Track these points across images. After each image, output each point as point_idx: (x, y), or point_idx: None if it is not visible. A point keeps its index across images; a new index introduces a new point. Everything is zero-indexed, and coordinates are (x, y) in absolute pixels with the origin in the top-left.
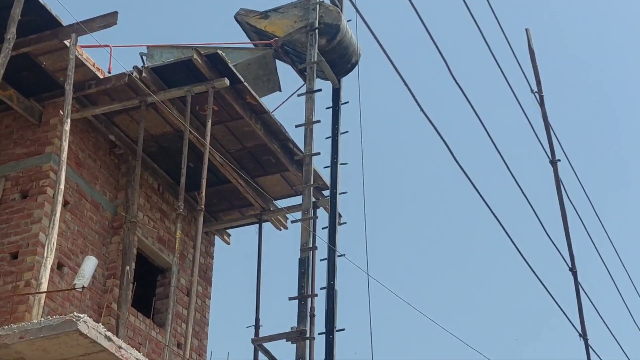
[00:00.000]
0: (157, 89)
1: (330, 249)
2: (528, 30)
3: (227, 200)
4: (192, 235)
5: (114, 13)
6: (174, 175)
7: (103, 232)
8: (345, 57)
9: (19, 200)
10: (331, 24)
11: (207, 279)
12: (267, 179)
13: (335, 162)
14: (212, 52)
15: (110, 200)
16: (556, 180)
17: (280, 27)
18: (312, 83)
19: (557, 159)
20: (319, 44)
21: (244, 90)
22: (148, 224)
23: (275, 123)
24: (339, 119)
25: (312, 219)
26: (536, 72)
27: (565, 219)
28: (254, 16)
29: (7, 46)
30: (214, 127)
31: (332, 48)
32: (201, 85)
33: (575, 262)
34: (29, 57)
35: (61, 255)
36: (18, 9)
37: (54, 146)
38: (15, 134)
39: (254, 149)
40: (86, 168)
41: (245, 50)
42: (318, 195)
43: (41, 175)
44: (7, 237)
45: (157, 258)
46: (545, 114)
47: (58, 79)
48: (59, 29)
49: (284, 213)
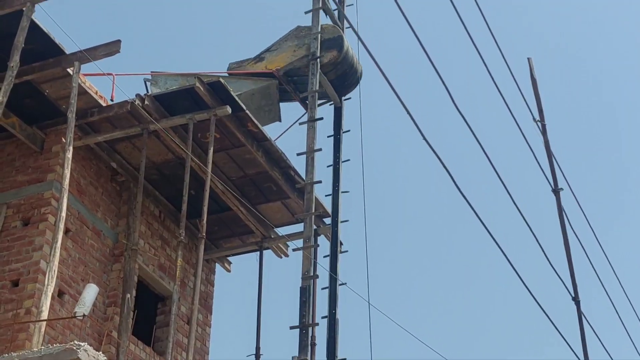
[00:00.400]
0: (159, 117)
1: (332, 278)
2: (530, 59)
3: (228, 227)
4: (192, 263)
5: (117, 41)
6: (175, 203)
7: (104, 260)
8: (353, 68)
9: (20, 228)
10: (335, 37)
11: (208, 307)
12: (268, 206)
13: (337, 190)
14: (215, 80)
15: (111, 228)
16: (559, 209)
17: (280, 62)
18: (314, 112)
19: (559, 188)
20: (332, 58)
21: (245, 117)
22: (149, 252)
23: (277, 151)
24: (340, 147)
25: (314, 247)
26: (538, 100)
27: (568, 247)
28: (248, 63)
29: (11, 74)
30: (216, 155)
31: (343, 58)
32: (203, 112)
33: (578, 291)
34: (32, 85)
35: (62, 283)
36: (22, 37)
37: (56, 173)
38: (17, 162)
39: (255, 177)
40: (88, 195)
41: (250, 81)
42: (319, 223)
43: (43, 202)
44: (8, 264)
45: (157, 286)
46: (547, 142)
47: (61, 106)
48: (62, 57)
49: (285, 241)
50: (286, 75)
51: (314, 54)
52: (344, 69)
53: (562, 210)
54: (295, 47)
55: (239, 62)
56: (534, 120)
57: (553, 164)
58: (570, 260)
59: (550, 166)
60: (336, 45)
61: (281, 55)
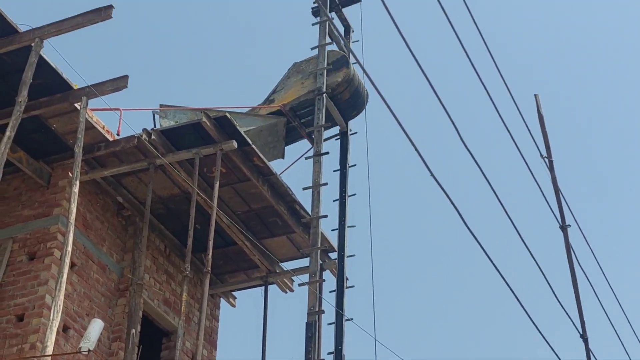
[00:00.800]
0: (165, 151)
1: (338, 314)
2: (537, 96)
3: (233, 262)
4: (197, 298)
5: (125, 77)
6: (180, 237)
7: (109, 295)
8: (361, 86)
9: (26, 262)
10: (339, 57)
11: (212, 342)
12: (274, 241)
13: (343, 224)
14: (221, 115)
15: (117, 262)
16: (566, 246)
17: (291, 97)
18: (320, 146)
19: (567, 225)
20: (345, 75)
21: (251, 152)
22: (154, 286)
23: (282, 185)
24: (346, 181)
25: (319, 283)
26: (545, 137)
27: (575, 284)
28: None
29: (19, 109)
30: (221, 189)
31: (353, 74)
32: (209, 147)
33: (586, 329)
34: (39, 120)
35: (67, 318)
36: (30, 72)
37: (62, 208)
38: (23, 196)
39: (260, 211)
40: (93, 230)
41: (259, 118)
42: (325, 258)
43: (49, 237)
44: (13, 299)
45: (162, 321)
46: (555, 179)
47: (67, 141)
48: (69, 92)
49: (290, 275)
50: (293, 110)
51: (320, 89)
52: (356, 85)
53: (569, 247)
54: (301, 80)
55: (254, 110)
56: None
57: (560, 201)
58: (578, 297)
59: (557, 203)
60: (344, 63)
61: (290, 91)
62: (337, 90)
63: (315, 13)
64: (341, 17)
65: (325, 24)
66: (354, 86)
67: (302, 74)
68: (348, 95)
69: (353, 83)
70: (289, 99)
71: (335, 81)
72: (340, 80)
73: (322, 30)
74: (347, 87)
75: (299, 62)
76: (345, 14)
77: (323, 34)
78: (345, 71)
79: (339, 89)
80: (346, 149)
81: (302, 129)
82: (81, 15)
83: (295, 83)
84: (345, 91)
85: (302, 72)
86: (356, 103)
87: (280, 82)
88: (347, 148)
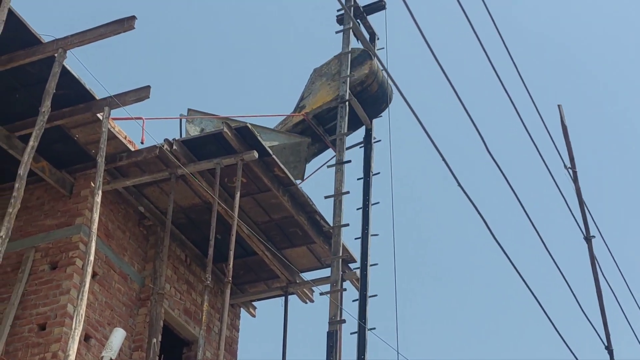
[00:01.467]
0: (187, 161)
1: (361, 324)
2: (560, 106)
3: (254, 272)
4: (217, 307)
5: (147, 87)
6: (201, 247)
7: (130, 304)
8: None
9: (48, 272)
10: (361, 52)
11: (233, 352)
12: (294, 251)
13: (366, 233)
14: (242, 125)
15: (138, 272)
16: (591, 257)
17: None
18: (342, 154)
19: (591, 236)
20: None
21: (272, 162)
22: (175, 296)
23: (303, 195)
24: (369, 189)
25: (341, 292)
26: (569, 148)
27: (600, 296)
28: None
29: (42, 119)
30: (242, 199)
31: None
32: (230, 157)
33: (611, 340)
34: (61, 130)
35: (88, 327)
36: (53, 83)
37: (84, 217)
38: (46, 205)
39: (281, 221)
40: (115, 239)
41: (284, 135)
42: (345, 268)
43: (71, 246)
44: (35, 308)
45: (183, 330)
46: (579, 189)
47: (90, 151)
48: (92, 102)
49: (311, 286)
50: (316, 118)
51: (343, 97)
52: (382, 77)
53: (594, 258)
54: (327, 82)
55: (282, 122)
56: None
57: (585, 212)
58: (603, 308)
59: (582, 214)
60: (367, 56)
61: (318, 94)
62: (366, 82)
63: (340, 21)
64: (366, 25)
65: (349, 32)
66: (380, 78)
67: (326, 76)
68: (377, 86)
69: (379, 75)
70: (319, 102)
71: (363, 74)
72: (368, 72)
73: (345, 37)
74: (374, 78)
75: (318, 67)
76: (370, 22)
77: (347, 42)
78: (370, 63)
79: (368, 81)
80: (370, 156)
81: (326, 137)
82: (104, 26)
83: (321, 86)
84: (373, 83)
85: (325, 74)
86: (384, 95)
87: (306, 89)
88: (371, 156)
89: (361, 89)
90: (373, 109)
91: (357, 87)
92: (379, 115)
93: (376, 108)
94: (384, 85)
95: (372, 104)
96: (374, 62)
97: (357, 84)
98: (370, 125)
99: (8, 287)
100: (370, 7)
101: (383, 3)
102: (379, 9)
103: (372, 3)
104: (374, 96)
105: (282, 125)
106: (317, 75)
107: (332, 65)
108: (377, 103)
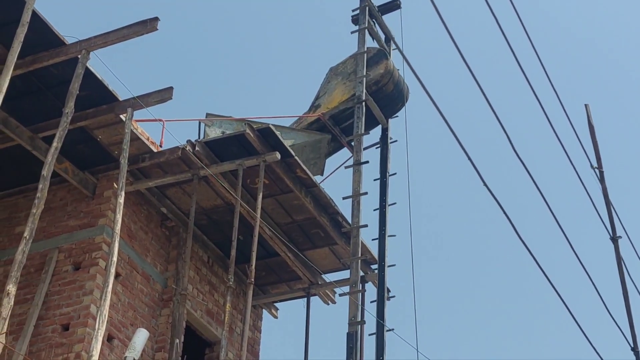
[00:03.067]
0: (209, 163)
1: (379, 324)
2: (587, 106)
3: (276, 273)
4: (240, 309)
5: (169, 88)
6: (223, 248)
7: (153, 305)
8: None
9: (71, 272)
10: (377, 51)
11: (255, 353)
12: (316, 252)
13: (384, 234)
14: (264, 127)
15: (160, 273)
16: (617, 258)
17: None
18: (360, 155)
19: (618, 236)
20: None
21: (294, 164)
22: (197, 297)
23: (325, 197)
24: (386, 190)
25: (360, 293)
26: (596, 147)
27: (627, 297)
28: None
29: (65, 120)
30: (264, 200)
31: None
32: (253, 159)
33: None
34: (85, 131)
35: (111, 328)
36: (77, 84)
37: (107, 218)
38: (69, 206)
39: (303, 222)
40: (138, 240)
41: (304, 133)
42: (366, 269)
43: (94, 247)
44: (58, 308)
45: (205, 331)
46: (605, 190)
47: (112, 152)
48: (115, 104)
49: (332, 287)
50: (332, 118)
51: (360, 97)
52: (397, 77)
53: (620, 258)
54: (343, 82)
55: (297, 121)
56: (592, 167)
57: (611, 212)
58: (629, 309)
59: (608, 214)
60: (382, 56)
61: (333, 93)
62: (381, 82)
63: (355, 21)
64: (381, 24)
65: (365, 32)
66: (395, 77)
67: (342, 75)
68: (392, 86)
69: (395, 75)
70: (335, 101)
71: (378, 73)
72: (383, 72)
73: (361, 37)
74: (390, 78)
75: (334, 66)
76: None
77: (362, 42)
78: (386, 62)
79: (383, 81)
80: (386, 157)
81: (342, 137)
82: (127, 28)
83: (337, 85)
84: (389, 82)
85: (341, 73)
86: (400, 95)
87: (322, 88)
88: (387, 156)
89: (376, 88)
90: (389, 109)
91: (373, 87)
92: (394, 115)
93: (392, 107)
94: (400, 84)
95: (388, 103)
96: (389, 62)
97: (373, 83)
98: (386, 124)
99: (32, 288)
100: (385, 7)
101: (398, 2)
102: (394, 8)
103: (387, 2)
104: (389, 95)
105: (297, 124)
106: (332, 74)
107: (348, 64)
108: (393, 102)
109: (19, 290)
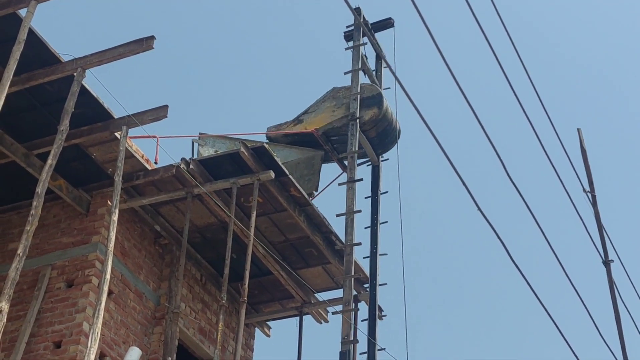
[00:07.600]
0: (203, 181)
1: (371, 343)
2: (580, 130)
3: (268, 291)
4: (232, 327)
5: (164, 107)
6: (216, 266)
7: (145, 323)
8: (392, 125)
9: (64, 289)
10: (374, 95)
11: None
12: (309, 271)
13: (375, 252)
14: (259, 146)
15: (153, 290)
16: (609, 281)
17: (319, 123)
18: (353, 172)
19: (610, 260)
20: (373, 115)
21: (288, 182)
22: (190, 315)
23: (319, 216)
24: (378, 208)
25: (353, 311)
26: (588, 171)
27: (618, 320)
28: (286, 126)
29: (60, 137)
30: (258, 219)
31: (383, 115)
32: (247, 177)
33: None
34: (79, 148)
35: (104, 345)
36: (72, 102)
37: (101, 236)
38: (63, 223)
39: (296, 241)
40: (131, 258)
41: (297, 150)
42: (359, 288)
43: (87, 264)
44: (51, 325)
45: (197, 349)
46: (597, 213)
47: (107, 169)
48: (110, 122)
49: (325, 306)
50: (325, 135)
51: (354, 114)
52: (384, 125)
53: (612, 282)
54: (333, 108)
55: (277, 126)
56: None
57: (603, 236)
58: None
59: (600, 237)
60: (376, 103)
61: (320, 116)
62: (363, 127)
63: (347, 37)
64: (373, 43)
65: (359, 49)
66: (381, 126)
67: (337, 100)
68: (374, 134)
69: (381, 124)
70: (318, 124)
71: (362, 118)
72: (367, 120)
73: (355, 55)
74: (373, 126)
75: (338, 88)
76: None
77: (356, 59)
78: (375, 112)
79: (365, 127)
80: (378, 176)
81: (334, 154)
82: (123, 46)
83: (327, 109)
84: (371, 130)
85: (337, 99)
86: (383, 142)
87: (315, 104)
88: (379, 175)
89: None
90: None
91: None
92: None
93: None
94: (388, 130)
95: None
96: (379, 112)
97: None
98: (377, 162)
99: (24, 305)
100: (378, 25)
101: (392, 21)
102: (387, 26)
103: (380, 20)
104: (372, 140)
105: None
106: (330, 96)
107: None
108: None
109: (12, 307)
